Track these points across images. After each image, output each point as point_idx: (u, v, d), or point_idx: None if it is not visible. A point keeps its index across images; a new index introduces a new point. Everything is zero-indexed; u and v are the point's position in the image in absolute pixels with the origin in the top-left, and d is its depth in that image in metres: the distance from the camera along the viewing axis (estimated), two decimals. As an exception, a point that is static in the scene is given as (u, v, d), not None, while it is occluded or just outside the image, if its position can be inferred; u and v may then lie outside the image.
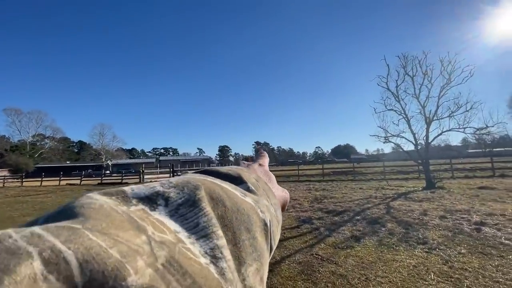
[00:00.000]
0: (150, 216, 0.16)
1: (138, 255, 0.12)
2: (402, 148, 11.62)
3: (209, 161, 74.06)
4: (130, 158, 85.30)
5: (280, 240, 4.31)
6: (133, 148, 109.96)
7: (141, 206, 0.17)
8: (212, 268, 0.15)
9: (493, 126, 10.06)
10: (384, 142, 11.97)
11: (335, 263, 3.38)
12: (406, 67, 11.20)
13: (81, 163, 57.88)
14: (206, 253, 0.16)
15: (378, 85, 11.75)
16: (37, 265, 0.10)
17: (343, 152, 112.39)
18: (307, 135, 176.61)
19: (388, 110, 11.57)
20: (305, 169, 24.64)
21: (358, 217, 5.70)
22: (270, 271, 3.19)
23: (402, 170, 18.27)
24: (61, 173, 24.56)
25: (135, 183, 0.21)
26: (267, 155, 0.42)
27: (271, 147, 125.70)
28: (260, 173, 0.33)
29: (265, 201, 0.25)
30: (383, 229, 4.75)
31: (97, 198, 0.16)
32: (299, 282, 2.90)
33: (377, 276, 2.96)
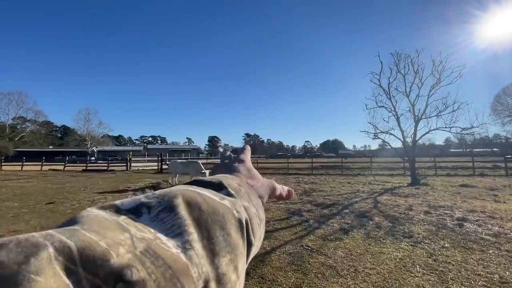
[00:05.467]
0: (136, 222, 0.21)
1: (120, 246, 0.17)
2: (390, 145, 11.86)
3: (198, 151, 73.40)
4: (117, 145, 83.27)
5: (270, 231, 4.35)
6: (120, 135, 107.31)
7: (129, 215, 0.22)
8: (181, 255, 0.20)
9: (477, 127, 10.41)
10: (373, 138, 12.17)
11: (324, 254, 3.42)
12: (398, 64, 11.32)
13: (64, 149, 55.98)
14: (178, 246, 0.20)
15: (371, 81, 11.84)
16: (51, 251, 0.15)
17: (332, 147, 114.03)
18: (297, 129, 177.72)
19: (379, 107, 11.72)
20: (294, 162, 24.84)
21: (346, 210, 5.80)
22: (260, 261, 3.20)
23: (387, 166, 18.75)
24: (43, 158, 23.71)
25: (122, 171, 0.20)
26: (249, 148, 0.47)
27: (261, 140, 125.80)
28: (244, 172, 0.38)
29: (246, 202, 0.30)
30: (371, 222, 4.85)
31: (93, 211, 0.21)
32: (289, 273, 2.92)
33: (365, 268, 3.02)
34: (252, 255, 0.29)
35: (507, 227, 4.38)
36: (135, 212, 0.22)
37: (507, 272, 2.85)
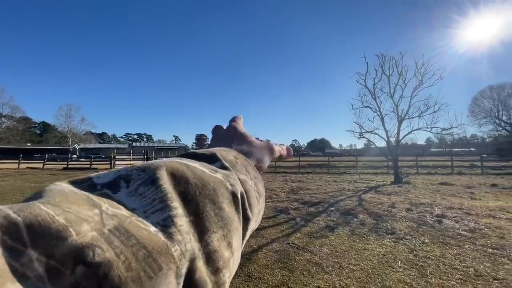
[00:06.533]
0: (111, 198, 0.19)
1: (85, 222, 0.15)
2: (374, 144, 12.19)
3: (185, 149, 72.52)
4: (100, 142, 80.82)
5: (257, 230, 4.35)
6: (103, 133, 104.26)
7: (104, 191, 0.19)
8: (160, 234, 0.17)
9: (456, 127, 10.89)
10: (358, 138, 12.47)
11: (310, 251, 3.47)
12: (383, 66, 11.64)
13: (44, 146, 53.64)
14: (157, 223, 0.18)
15: (357, 82, 12.11)
16: None
17: (319, 146, 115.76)
18: (284, 128, 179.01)
19: (365, 107, 12.01)
20: (281, 161, 24.98)
21: (332, 208, 5.91)
22: (247, 259, 3.21)
23: (372, 165, 19.28)
24: (21, 155, 22.61)
25: (105, 169, 0.18)
26: (240, 116, 0.44)
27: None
28: (238, 140, 0.37)
29: (242, 175, 0.27)
30: (355, 219, 4.97)
31: (60, 184, 0.19)
32: (276, 270, 2.94)
33: (350, 264, 3.09)
34: (250, 231, 0.27)
35: (482, 223, 4.61)
36: (112, 186, 0.20)
37: (482, 266, 3.00)
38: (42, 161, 22.12)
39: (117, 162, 21.83)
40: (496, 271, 2.88)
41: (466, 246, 3.61)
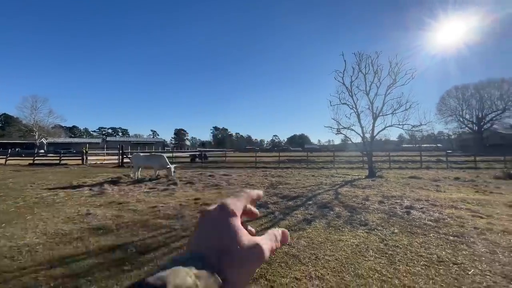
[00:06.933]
0: None
1: None
2: (351, 140, 12.64)
3: (163, 143, 70.47)
4: (71, 137, 76.18)
5: (237, 224, 4.39)
6: (74, 126, 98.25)
7: None
8: None
9: (425, 125, 11.58)
10: (336, 134, 12.85)
11: (288, 244, 3.55)
12: (360, 64, 12.03)
13: (6, 140, 49.63)
14: None
15: (335, 79, 12.41)
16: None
17: (298, 141, 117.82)
18: (265, 123, 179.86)
19: (342, 104, 12.38)
20: (262, 156, 25.17)
21: (310, 202, 6.08)
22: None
23: (349, 160, 20.01)
24: (-21, 150, 20.71)
25: (77, 165, 0.17)
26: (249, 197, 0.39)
27: (229, 133, 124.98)
28: (224, 252, 0.30)
29: None
30: (332, 212, 5.16)
31: None
32: (254, 263, 2.98)
33: (325, 255, 3.21)
34: None
35: (445, 213, 4.98)
36: None
37: (443, 252, 3.25)
38: (4, 157, 20.47)
39: (90, 158, 20.76)
40: (455, 256, 3.14)
41: (431, 234, 3.89)
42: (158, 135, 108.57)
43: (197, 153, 25.71)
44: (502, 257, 3.11)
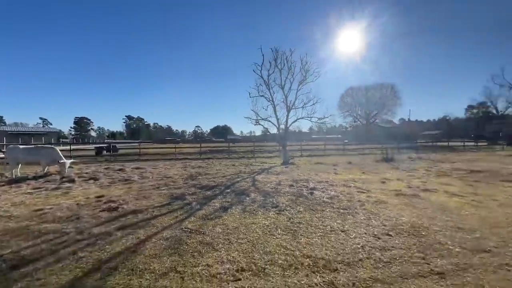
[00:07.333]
0: None
1: None
2: (268, 131, 13.52)
3: (58, 135, 58.23)
4: None
5: (148, 219, 4.07)
6: None
7: None
8: None
9: (327, 118, 13.46)
10: (255, 124, 13.49)
11: (202, 233, 3.52)
12: (276, 59, 12.85)
13: None
14: None
15: (254, 71, 12.90)
16: None
17: (221, 132, 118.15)
18: (188, 114, 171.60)
19: (260, 96, 13.04)
20: (183, 147, 24.12)
21: (228, 190, 6.20)
22: (133, 252, 2.94)
23: (267, 150, 21.44)
24: None
25: None
26: None
27: (146, 123, 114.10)
28: None
29: None
30: (248, 198, 5.40)
31: None
32: (165, 258, 2.82)
33: (238, 238, 3.33)
34: None
35: (339, 191, 5.95)
36: None
37: (335, 223, 3.87)
38: None
39: None
40: (343, 225, 3.78)
41: (327, 209, 4.58)
42: (50, 124, 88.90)
43: (105, 145, 22.34)
44: (374, 221, 3.93)
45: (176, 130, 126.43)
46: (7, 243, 3.23)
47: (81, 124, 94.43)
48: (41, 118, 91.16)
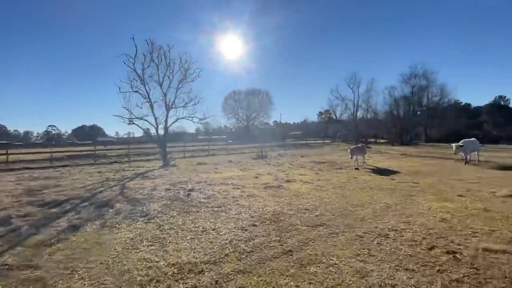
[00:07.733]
0: None
1: None
2: (145, 131, 12.22)
3: None
4: None
5: None
6: None
7: None
8: None
9: (208, 118, 13.66)
10: (128, 124, 11.89)
11: (31, 267, 2.61)
12: (152, 53, 11.80)
13: None
14: None
15: (125, 63, 11.32)
16: None
17: (89, 133, 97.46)
18: (37, 111, 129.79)
19: (134, 91, 11.60)
20: (22, 154, 17.99)
21: (85, 204, 5.05)
22: None
23: (146, 152, 19.42)
24: None
25: None
26: None
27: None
28: None
29: None
30: (111, 210, 4.57)
31: None
32: None
33: (87, 262, 2.69)
34: None
35: (216, 190, 6.06)
36: None
37: (208, 223, 3.85)
38: None
39: None
40: (215, 223, 3.82)
41: (202, 210, 4.52)
42: None
43: None
44: (244, 215, 4.21)
45: (15, 130, 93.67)
46: None
47: None
48: None
